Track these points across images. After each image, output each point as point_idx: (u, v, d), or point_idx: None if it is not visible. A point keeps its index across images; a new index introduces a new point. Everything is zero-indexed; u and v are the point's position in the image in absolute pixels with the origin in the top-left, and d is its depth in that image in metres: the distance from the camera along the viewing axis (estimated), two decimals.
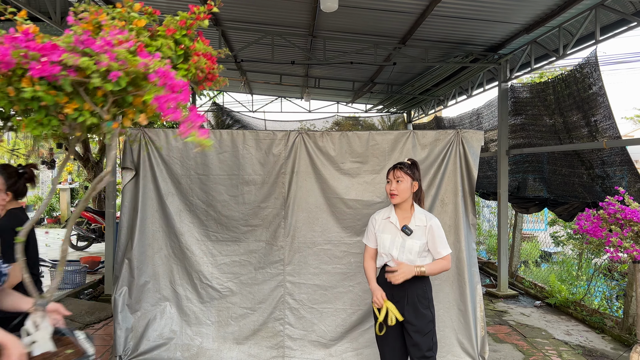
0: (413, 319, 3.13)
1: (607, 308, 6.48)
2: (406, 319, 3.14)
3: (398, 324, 3.16)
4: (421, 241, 3.15)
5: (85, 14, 1.85)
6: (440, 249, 3.18)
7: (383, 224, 3.30)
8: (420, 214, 3.23)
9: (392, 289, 3.14)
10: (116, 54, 1.69)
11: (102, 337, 5.48)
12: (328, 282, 4.51)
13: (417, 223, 3.19)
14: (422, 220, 3.20)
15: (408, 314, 3.13)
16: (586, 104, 6.05)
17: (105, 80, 1.71)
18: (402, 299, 3.15)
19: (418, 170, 3.29)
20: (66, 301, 6.58)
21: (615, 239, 3.57)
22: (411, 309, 3.14)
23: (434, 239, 3.16)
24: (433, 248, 3.18)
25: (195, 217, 4.50)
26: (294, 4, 6.37)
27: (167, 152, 4.49)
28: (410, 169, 3.23)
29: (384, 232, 3.26)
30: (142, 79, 1.76)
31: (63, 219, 15.86)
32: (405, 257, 3.15)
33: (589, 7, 5.63)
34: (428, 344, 3.12)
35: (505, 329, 6.01)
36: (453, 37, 7.19)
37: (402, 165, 3.23)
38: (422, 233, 3.16)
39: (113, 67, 1.69)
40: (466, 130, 4.51)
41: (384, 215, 3.32)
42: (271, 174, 4.50)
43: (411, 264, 3.10)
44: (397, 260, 3.12)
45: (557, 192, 7.24)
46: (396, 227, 3.21)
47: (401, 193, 3.18)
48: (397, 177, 3.20)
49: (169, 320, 4.48)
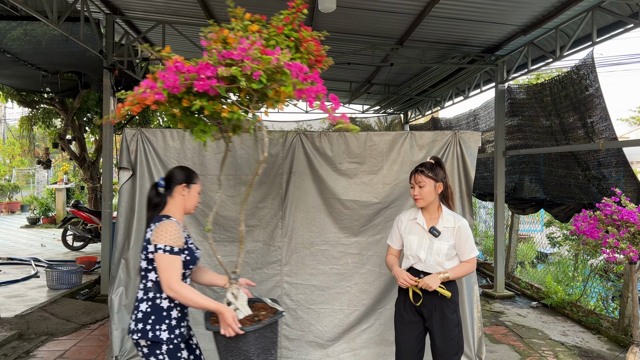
0: (439, 324, 3.06)
1: (603, 309, 6.50)
2: (433, 324, 3.07)
3: (421, 325, 3.13)
4: (449, 243, 3.08)
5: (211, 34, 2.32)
6: (468, 251, 3.11)
7: (409, 225, 3.22)
8: (448, 215, 3.15)
9: (419, 291, 3.09)
10: (251, 56, 2.10)
11: (98, 337, 5.46)
12: (325, 283, 4.51)
13: (445, 224, 3.11)
14: (451, 221, 3.12)
15: (435, 318, 3.06)
16: (583, 105, 6.07)
17: (250, 81, 2.12)
18: (430, 303, 3.07)
19: (442, 168, 3.17)
20: (62, 301, 6.56)
21: (612, 240, 3.58)
22: (438, 313, 3.06)
23: (462, 241, 3.09)
24: (460, 250, 3.11)
25: (192, 217, 4.49)
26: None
27: (164, 152, 4.48)
28: (432, 170, 3.12)
29: (411, 234, 3.18)
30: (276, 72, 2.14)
31: (59, 219, 15.80)
32: (433, 259, 3.08)
33: (585, 9, 5.65)
34: (454, 349, 3.07)
35: (502, 329, 6.02)
36: (450, 38, 7.20)
37: (423, 169, 3.12)
38: (451, 234, 3.09)
39: (254, 68, 2.09)
40: (464, 131, 4.52)
41: (411, 216, 3.24)
42: (269, 174, 4.49)
43: (438, 267, 3.05)
44: (417, 279, 3.03)
45: (553, 193, 7.26)
46: (423, 229, 3.13)
47: (425, 197, 3.10)
48: (418, 181, 3.11)
49: None
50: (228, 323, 2.45)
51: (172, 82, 2.12)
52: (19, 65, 8.40)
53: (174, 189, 2.69)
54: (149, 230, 2.61)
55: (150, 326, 2.53)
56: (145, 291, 2.61)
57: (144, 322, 2.54)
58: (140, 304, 2.59)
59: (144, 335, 2.52)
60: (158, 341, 2.53)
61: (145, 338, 2.53)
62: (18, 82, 10.36)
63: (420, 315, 3.13)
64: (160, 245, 2.50)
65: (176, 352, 2.58)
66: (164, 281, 2.48)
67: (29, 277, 8.09)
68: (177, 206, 2.70)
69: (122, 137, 4.49)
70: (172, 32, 7.80)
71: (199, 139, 2.41)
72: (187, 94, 2.23)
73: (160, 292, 2.58)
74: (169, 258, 2.49)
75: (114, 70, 7.06)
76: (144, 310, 2.56)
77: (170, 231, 2.53)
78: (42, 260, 9.32)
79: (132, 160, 4.45)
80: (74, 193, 17.14)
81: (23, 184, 24.62)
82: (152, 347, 2.54)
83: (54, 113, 12.55)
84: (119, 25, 7.74)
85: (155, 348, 2.54)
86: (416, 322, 3.14)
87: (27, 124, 12.92)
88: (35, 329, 5.56)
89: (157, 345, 2.54)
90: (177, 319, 2.61)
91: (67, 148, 12.15)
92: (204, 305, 2.49)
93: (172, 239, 2.51)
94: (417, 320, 3.14)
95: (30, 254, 10.26)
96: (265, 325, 2.57)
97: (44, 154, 14.88)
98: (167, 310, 2.58)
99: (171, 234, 2.52)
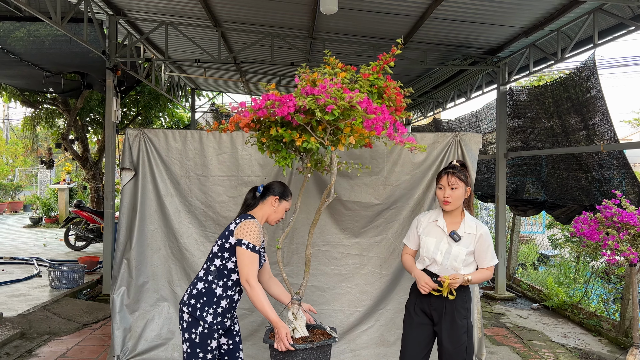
0: (448, 329, 3.00)
1: (604, 311, 6.50)
2: (442, 328, 3.02)
3: (430, 328, 3.09)
4: (468, 249, 3.00)
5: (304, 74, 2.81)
6: (488, 259, 3.05)
7: (429, 226, 3.15)
8: (470, 220, 3.08)
9: (429, 297, 3.04)
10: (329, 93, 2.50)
11: (99, 337, 5.48)
12: (326, 284, 4.52)
13: (466, 230, 3.04)
14: (472, 227, 3.04)
15: (445, 323, 3.01)
16: (584, 107, 6.08)
17: (324, 113, 2.50)
18: (440, 307, 3.02)
19: (469, 172, 3.17)
20: (64, 301, 6.59)
21: (612, 242, 3.59)
22: (448, 318, 3.00)
23: (483, 249, 3.02)
24: (480, 257, 3.05)
25: (194, 218, 4.51)
26: (293, 6, 6.39)
27: (167, 153, 4.50)
28: (464, 173, 3.05)
29: (429, 235, 3.11)
30: (349, 109, 2.54)
31: (61, 219, 15.85)
32: (450, 264, 3.01)
33: (587, 11, 5.66)
34: (461, 355, 3.01)
35: (503, 331, 6.03)
36: (452, 39, 7.21)
37: (456, 170, 3.03)
38: (471, 241, 3.02)
39: (328, 102, 2.47)
40: (464, 132, 4.53)
41: (431, 218, 3.17)
42: (270, 175, 4.51)
43: (453, 271, 2.99)
44: (442, 277, 2.95)
45: (555, 195, 7.26)
46: (443, 232, 3.06)
47: (455, 200, 3.02)
48: (451, 183, 3.01)
49: (167, 321, 4.49)
50: (281, 337, 2.70)
51: (258, 105, 2.58)
52: (22, 65, 8.43)
53: (267, 197, 2.98)
54: (234, 222, 2.87)
55: (200, 305, 2.80)
56: (206, 272, 2.87)
57: (196, 299, 2.82)
58: (199, 283, 2.86)
59: (192, 310, 2.79)
60: (199, 320, 2.78)
61: (192, 313, 2.79)
62: (21, 83, 10.40)
63: (430, 319, 3.09)
64: (245, 241, 2.76)
65: (209, 336, 2.81)
66: (243, 274, 2.74)
67: (32, 276, 8.12)
68: (264, 212, 2.99)
69: (124, 137, 4.51)
70: (175, 33, 7.83)
71: (278, 163, 2.86)
72: (275, 124, 2.68)
73: (219, 279, 2.86)
74: (251, 254, 2.75)
75: (117, 71, 7.09)
76: (199, 289, 2.84)
77: (255, 230, 2.79)
78: (44, 260, 9.36)
79: (135, 160, 4.47)
80: (76, 193, 17.19)
81: (26, 183, 24.69)
82: (192, 323, 2.79)
83: (57, 113, 12.60)
84: (122, 26, 7.78)
85: (194, 325, 2.79)
86: (425, 324, 3.10)
87: (30, 124, 12.97)
88: (37, 328, 5.59)
89: (197, 323, 2.78)
90: (224, 309, 2.86)
91: (69, 148, 12.19)
92: (266, 311, 2.72)
93: (255, 237, 2.77)
94: (427, 322, 3.10)
95: (32, 253, 10.30)
96: (315, 346, 2.76)
97: (46, 153, 14.92)
98: (219, 298, 2.84)
99: (256, 233, 2.78)
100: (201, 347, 2.79)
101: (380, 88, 2.94)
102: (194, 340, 2.79)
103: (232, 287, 2.89)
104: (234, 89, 13.20)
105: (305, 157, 3.10)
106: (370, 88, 2.93)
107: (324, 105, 2.47)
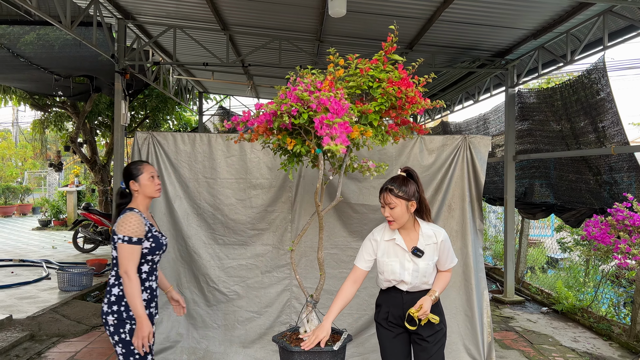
0: (428, 334, 2.90)
1: (614, 315, 6.44)
2: (419, 334, 2.92)
3: (407, 336, 2.99)
4: (433, 260, 2.88)
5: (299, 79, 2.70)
6: (449, 261, 2.95)
7: (387, 246, 2.91)
8: (427, 230, 2.90)
9: (402, 308, 2.91)
10: (296, 96, 2.49)
11: (108, 339, 5.49)
12: (334, 287, 4.50)
13: (426, 242, 2.87)
14: (431, 237, 2.88)
15: (422, 329, 2.89)
16: (594, 110, 6.04)
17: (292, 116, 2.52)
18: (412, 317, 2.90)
19: (415, 181, 2.87)
20: (72, 303, 6.61)
21: (624, 246, 3.56)
22: (426, 325, 2.88)
23: (444, 254, 2.92)
24: (441, 262, 2.93)
25: (203, 221, 4.52)
26: (301, 9, 6.39)
27: (175, 156, 4.51)
28: (402, 188, 2.79)
29: (390, 257, 2.89)
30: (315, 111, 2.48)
31: (70, 222, 15.93)
32: (419, 280, 2.87)
33: (597, 13, 5.63)
34: (441, 357, 2.93)
35: (512, 335, 5.98)
36: (460, 42, 7.19)
37: (392, 187, 2.80)
38: (434, 251, 2.88)
39: (293, 105, 2.48)
40: (473, 135, 4.51)
41: (387, 236, 2.92)
42: (278, 178, 4.51)
43: (424, 285, 2.88)
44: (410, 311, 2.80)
45: (564, 198, 7.21)
46: (404, 250, 2.87)
47: (398, 219, 2.81)
48: (387, 202, 2.81)
49: (175, 324, 4.50)
50: (141, 334, 2.73)
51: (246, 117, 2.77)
52: (31, 69, 8.49)
53: (130, 186, 3.02)
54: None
55: (124, 307, 2.83)
56: (116, 277, 2.88)
57: (117, 304, 2.84)
58: (113, 289, 2.87)
59: (119, 315, 2.82)
60: (127, 320, 2.83)
61: (119, 317, 2.82)
62: (31, 86, 10.48)
63: (403, 328, 2.95)
64: (120, 235, 2.79)
65: None
66: (122, 266, 2.77)
67: (41, 278, 8.16)
68: (139, 198, 3.02)
69: (133, 140, 4.53)
70: (183, 37, 7.86)
71: (283, 167, 3.01)
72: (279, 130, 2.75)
73: None
74: (128, 247, 2.79)
75: (126, 74, 7.12)
76: (117, 294, 2.86)
77: (130, 222, 2.82)
78: (53, 262, 9.41)
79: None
80: (84, 196, 17.28)
81: (35, 186, 24.85)
82: (119, 324, 2.82)
83: (66, 116, 12.69)
84: (131, 29, 7.82)
85: (121, 326, 2.83)
86: (402, 333, 2.98)
87: (40, 127, 13.07)
88: (46, 330, 5.61)
89: (124, 323, 2.83)
90: (147, 300, 2.93)
91: (78, 151, 12.26)
92: (135, 304, 2.74)
93: (131, 229, 2.80)
94: (403, 331, 2.98)
95: (41, 255, 10.36)
96: (316, 351, 2.76)
97: (55, 156, 15.03)
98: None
99: (131, 224, 2.81)
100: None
101: (381, 81, 2.77)
102: (124, 339, 2.83)
103: (147, 279, 2.95)
104: (241, 92, 13.23)
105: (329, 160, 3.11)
106: (372, 83, 2.80)
107: (287, 110, 2.50)
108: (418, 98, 2.75)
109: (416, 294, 2.90)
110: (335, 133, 2.38)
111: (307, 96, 2.46)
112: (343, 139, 2.40)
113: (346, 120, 2.46)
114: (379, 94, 2.74)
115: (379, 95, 2.74)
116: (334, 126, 2.39)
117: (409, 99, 2.73)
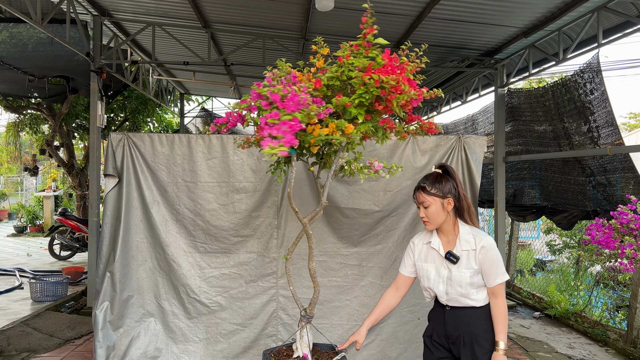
0: None
1: (608, 320, 6.29)
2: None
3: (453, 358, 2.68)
4: (472, 269, 2.53)
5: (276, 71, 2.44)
6: (493, 276, 2.51)
7: (424, 250, 2.68)
8: (466, 234, 2.56)
9: (444, 326, 2.64)
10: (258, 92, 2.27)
11: (83, 354, 5.16)
12: (323, 296, 4.25)
13: (463, 247, 2.55)
14: (470, 242, 2.54)
15: (465, 357, 2.57)
16: (587, 109, 5.89)
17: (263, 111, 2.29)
18: (458, 339, 2.59)
19: (452, 176, 2.59)
20: (45, 315, 6.25)
21: (630, 251, 3.37)
22: (468, 352, 2.55)
23: (487, 265, 2.51)
24: (486, 276, 2.54)
25: (182, 227, 4.24)
26: (286, 5, 6.15)
27: (153, 158, 4.22)
28: (436, 185, 2.55)
29: (427, 261, 2.66)
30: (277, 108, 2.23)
31: (46, 227, 15.44)
32: (455, 291, 2.55)
33: (590, 10, 5.47)
34: None
35: None
36: (449, 40, 7.01)
37: (425, 185, 2.56)
38: (472, 258, 2.53)
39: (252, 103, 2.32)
40: (468, 135, 4.31)
41: (425, 239, 2.70)
42: (263, 181, 4.25)
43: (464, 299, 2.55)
44: None
45: (555, 199, 7.06)
46: (440, 255, 2.60)
47: (433, 219, 2.56)
48: (420, 202, 2.57)
49: (153, 338, 4.20)
50: None
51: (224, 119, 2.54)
52: (4, 69, 8.11)
53: None
54: None
55: None
56: None
57: None
58: None
59: None
60: None
61: None
62: (4, 87, 10.05)
63: (449, 351, 2.69)
64: None
65: None
66: None
67: (13, 288, 7.77)
68: None
69: (107, 142, 4.23)
70: (163, 35, 7.56)
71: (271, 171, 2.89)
72: None
73: None
74: None
75: (102, 74, 6.79)
76: None
77: None
78: (26, 271, 8.99)
79: (118, 166, 4.19)
80: (62, 201, 16.78)
81: (12, 191, 24.19)
82: None
83: (42, 119, 12.25)
84: (107, 27, 7.49)
85: None
86: (445, 358, 2.70)
87: (14, 130, 12.60)
88: (16, 345, 5.26)
89: None
90: None
91: (54, 154, 11.85)
92: None
93: None
94: (447, 356, 2.69)
95: (15, 263, 9.92)
96: None
97: (31, 160, 14.55)
98: None
99: None
100: None
101: (363, 69, 2.39)
102: None
103: None
104: (224, 93, 12.91)
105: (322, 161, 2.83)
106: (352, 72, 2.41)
107: (246, 107, 2.36)
108: (405, 86, 2.30)
109: (460, 311, 2.59)
110: (278, 133, 2.05)
111: (263, 91, 2.20)
112: (289, 139, 2.05)
113: (296, 117, 2.10)
114: (357, 85, 2.36)
115: (357, 86, 2.36)
116: (276, 125, 2.06)
117: (393, 88, 2.31)
